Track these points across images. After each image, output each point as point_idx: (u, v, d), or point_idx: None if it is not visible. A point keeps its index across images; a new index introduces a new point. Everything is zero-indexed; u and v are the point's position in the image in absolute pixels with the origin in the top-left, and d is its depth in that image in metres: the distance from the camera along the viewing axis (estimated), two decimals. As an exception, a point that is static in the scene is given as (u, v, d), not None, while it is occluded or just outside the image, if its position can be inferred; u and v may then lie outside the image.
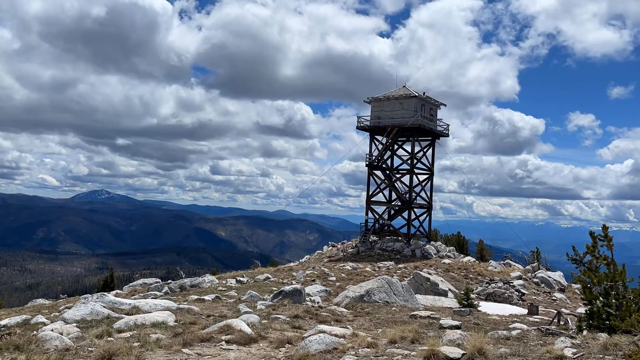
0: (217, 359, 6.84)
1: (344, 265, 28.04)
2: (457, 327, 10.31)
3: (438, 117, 39.41)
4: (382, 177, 39.01)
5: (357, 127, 39.13)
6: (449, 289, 20.80)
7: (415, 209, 38.33)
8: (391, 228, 38.87)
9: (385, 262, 29.87)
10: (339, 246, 39.06)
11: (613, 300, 9.50)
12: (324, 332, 8.01)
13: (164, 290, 18.81)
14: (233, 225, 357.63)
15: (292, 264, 35.18)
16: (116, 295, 16.77)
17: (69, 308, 11.79)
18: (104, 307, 10.12)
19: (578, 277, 12.11)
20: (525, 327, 11.27)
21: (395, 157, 39.90)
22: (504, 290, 20.56)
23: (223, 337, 7.82)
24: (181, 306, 11.70)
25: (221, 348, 7.34)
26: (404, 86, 39.44)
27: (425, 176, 38.98)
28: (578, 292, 22.25)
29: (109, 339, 7.49)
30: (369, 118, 38.71)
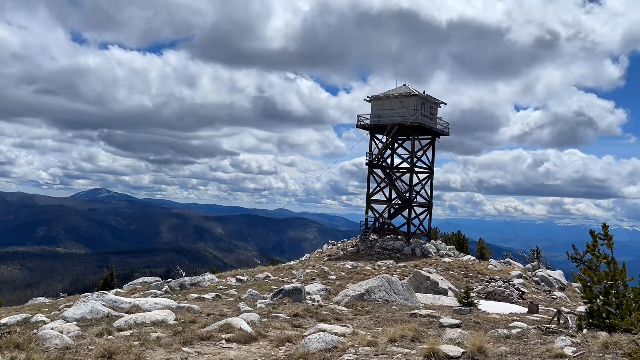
0: (217, 358, 6.84)
1: (344, 264, 28.05)
2: (457, 326, 10.31)
3: (438, 116, 39.43)
4: (382, 176, 39.04)
5: (357, 126, 39.14)
6: (449, 288, 20.80)
7: (415, 208, 38.34)
8: (391, 227, 38.90)
9: (385, 261, 29.88)
10: (339, 245, 39.09)
11: (613, 299, 9.50)
12: (324, 330, 8.01)
13: (164, 289, 18.80)
14: (233, 224, 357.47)
15: (292, 262, 35.18)
16: (116, 293, 16.76)
17: (69, 307, 11.79)
18: (104, 305, 10.12)
19: (578, 275, 12.11)
20: (525, 325, 11.27)
21: (395, 155, 39.95)
22: (504, 289, 20.57)
23: (223, 336, 7.82)
24: (181, 305, 11.69)
25: (221, 346, 7.34)
26: (404, 85, 39.45)
27: (425, 175, 39.01)
28: (578, 291, 22.25)
29: (109, 337, 7.48)
30: (369, 116, 38.72)
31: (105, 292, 14.27)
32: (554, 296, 22.30)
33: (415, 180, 37.75)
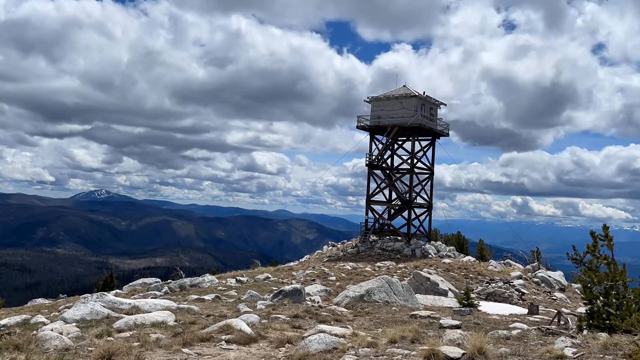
0: (217, 359, 6.83)
1: (344, 265, 28.04)
2: (457, 327, 10.30)
3: (438, 117, 39.46)
4: (382, 177, 39.05)
5: (357, 127, 39.16)
6: (449, 289, 20.78)
7: (415, 209, 38.34)
8: (391, 228, 38.89)
9: (385, 262, 29.87)
10: (339, 246, 39.08)
11: (613, 300, 9.49)
12: (324, 331, 8.00)
13: (163, 290, 18.79)
14: (233, 225, 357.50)
15: (292, 263, 35.17)
16: (116, 295, 16.74)
17: (68, 308, 11.78)
18: (103, 306, 10.11)
19: (578, 276, 12.12)
20: (525, 326, 11.26)
21: (395, 156, 39.94)
22: (504, 290, 20.54)
23: (223, 337, 7.81)
24: (181, 306, 11.69)
25: (221, 348, 7.33)
26: (404, 85, 39.48)
27: (426, 176, 39.02)
28: (578, 292, 22.24)
29: (108, 338, 7.48)
30: (369, 117, 38.74)
31: (105, 293, 14.25)
32: (554, 297, 22.28)
33: (416, 181, 37.76)
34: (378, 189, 39.49)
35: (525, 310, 16.92)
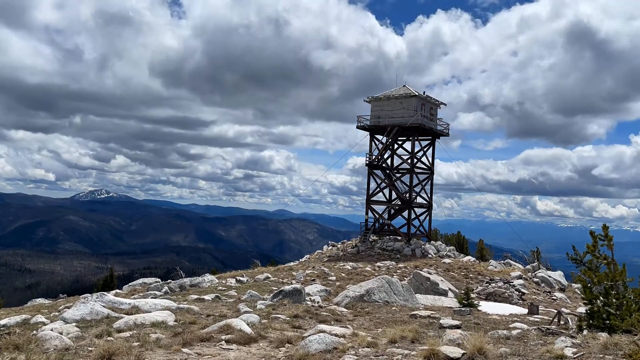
0: (217, 359, 6.82)
1: (344, 265, 28.04)
2: (457, 327, 10.29)
3: (438, 117, 39.48)
4: (382, 177, 39.07)
5: (357, 127, 39.17)
6: (449, 289, 20.78)
7: (415, 209, 38.36)
8: (391, 227, 38.91)
9: (385, 262, 29.87)
10: (339, 246, 39.09)
11: (613, 300, 9.50)
12: (324, 331, 7.99)
13: (163, 290, 18.80)
14: (233, 225, 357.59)
15: (292, 263, 35.19)
16: (116, 294, 16.75)
17: (68, 308, 11.77)
18: (103, 306, 10.10)
19: (578, 276, 12.11)
20: (525, 326, 11.26)
21: (395, 156, 39.97)
22: (504, 290, 20.54)
23: (223, 337, 7.80)
24: (181, 306, 11.68)
25: (221, 348, 7.33)
26: (404, 85, 39.50)
27: (425, 175, 39.04)
28: (578, 292, 22.24)
29: (108, 338, 7.47)
30: (369, 117, 38.76)
31: (105, 293, 14.25)
32: (554, 297, 22.28)
33: (415, 181, 37.78)
34: (378, 189, 39.53)
35: (525, 310, 16.92)
